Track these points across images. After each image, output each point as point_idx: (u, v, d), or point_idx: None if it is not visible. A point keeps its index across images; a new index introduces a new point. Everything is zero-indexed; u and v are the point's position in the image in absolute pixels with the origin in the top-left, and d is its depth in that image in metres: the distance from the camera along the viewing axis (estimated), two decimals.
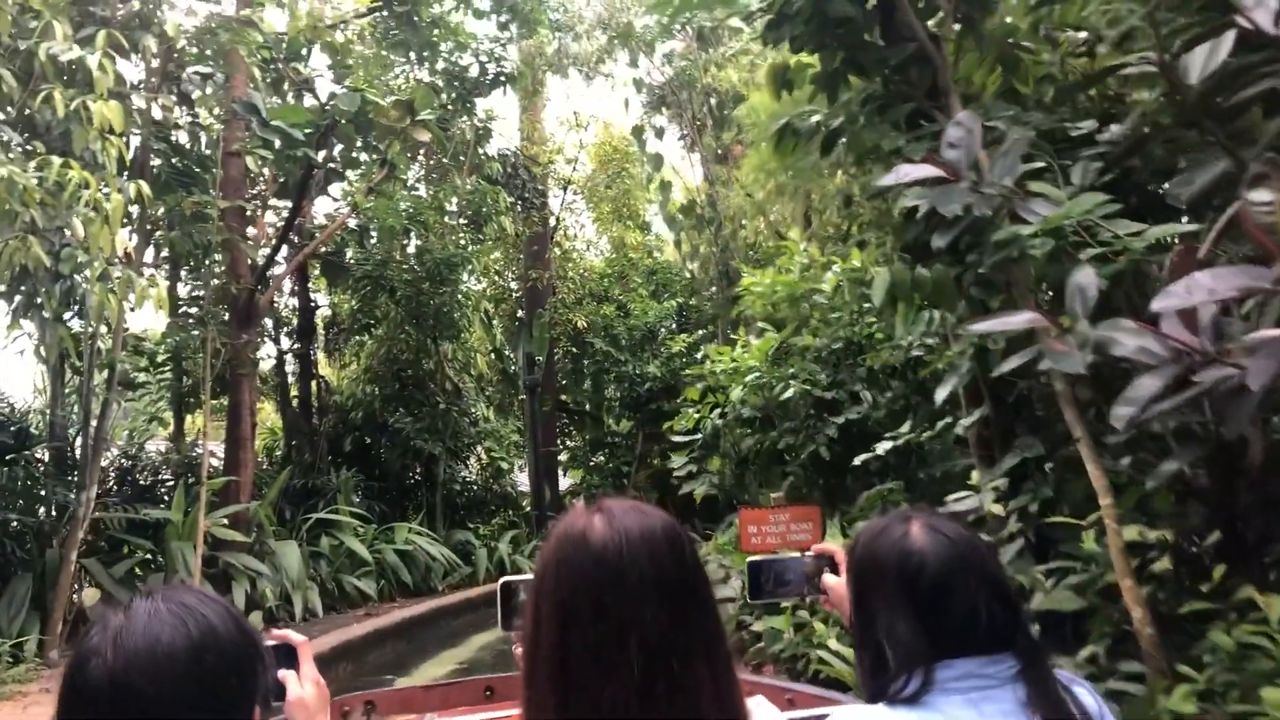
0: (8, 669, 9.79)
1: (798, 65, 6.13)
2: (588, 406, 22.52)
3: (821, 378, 8.43)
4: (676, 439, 9.98)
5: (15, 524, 12.50)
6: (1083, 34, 5.28)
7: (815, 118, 5.92)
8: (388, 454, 18.38)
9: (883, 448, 7.58)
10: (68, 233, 8.96)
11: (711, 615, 1.28)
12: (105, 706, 1.09)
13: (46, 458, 13.62)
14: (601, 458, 21.41)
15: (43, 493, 12.77)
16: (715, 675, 1.23)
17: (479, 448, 20.29)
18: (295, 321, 18.90)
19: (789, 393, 8.22)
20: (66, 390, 13.49)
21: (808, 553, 1.97)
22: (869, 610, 1.57)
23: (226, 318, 14.01)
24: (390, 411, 18.48)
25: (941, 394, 6.36)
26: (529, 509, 19.96)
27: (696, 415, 9.51)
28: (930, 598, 1.49)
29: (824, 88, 5.77)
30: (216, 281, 13.99)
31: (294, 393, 18.94)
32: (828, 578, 1.91)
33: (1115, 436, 4.06)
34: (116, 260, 9.28)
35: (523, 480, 21.27)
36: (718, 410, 9.27)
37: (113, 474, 14.53)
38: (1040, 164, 4.38)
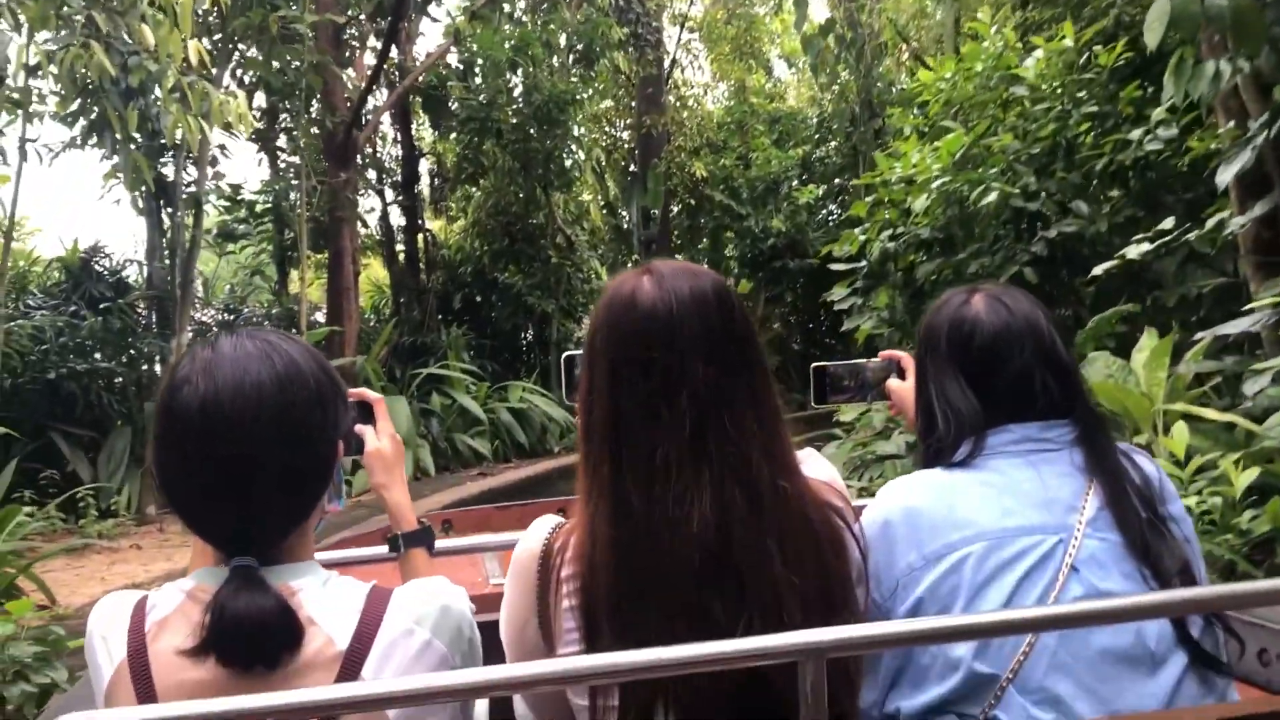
0: (94, 523, 9.02)
1: None
2: (705, 266, 20.99)
3: (1027, 182, 6.73)
4: (836, 267, 8.43)
5: (118, 378, 11.86)
6: None
7: None
8: (498, 312, 17.36)
9: (1105, 266, 5.94)
10: (133, 40, 7.75)
11: (760, 371, 1.28)
12: (196, 431, 1.12)
13: (145, 309, 12.93)
14: None
15: (144, 346, 12.04)
16: (764, 428, 1.25)
17: (593, 307, 19.07)
18: (399, 172, 17.74)
19: (990, 197, 6.55)
20: (165, 240, 12.63)
21: (874, 358, 1.97)
22: (925, 378, 1.58)
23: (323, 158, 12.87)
24: (500, 268, 17.43)
25: (1225, 176, 4.82)
26: None
27: (863, 237, 7.93)
28: (980, 363, 1.51)
29: None
30: (310, 114, 12.78)
31: (400, 248, 17.94)
32: (893, 382, 1.91)
33: None
34: (189, 70, 8.03)
35: None
36: (886, 233, 7.67)
37: (214, 328, 13.78)
38: None
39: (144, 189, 10.90)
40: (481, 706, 1.55)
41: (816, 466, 1.37)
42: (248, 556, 1.14)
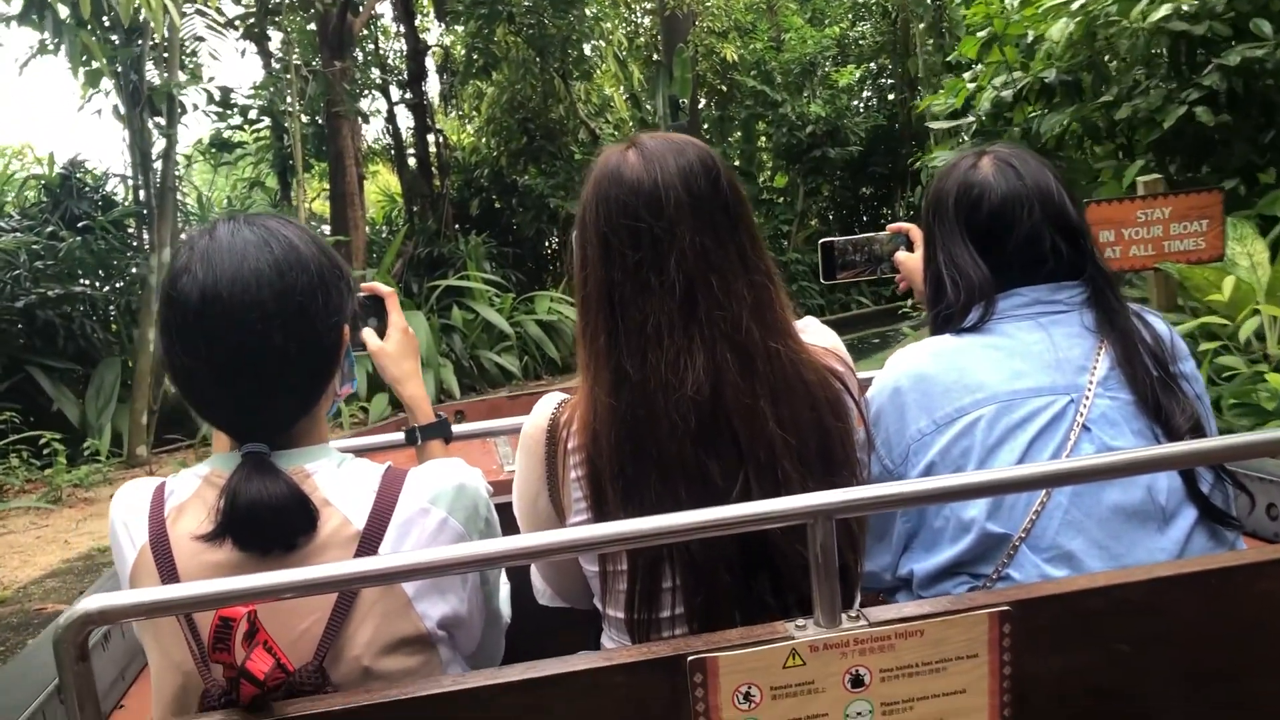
0: (63, 472, 7.72)
1: None
2: (736, 161, 19.49)
3: None
4: (936, 125, 6.91)
5: (106, 304, 10.61)
6: None
7: None
8: (519, 218, 15.93)
9: None
10: None
11: (749, 235, 1.30)
12: (197, 319, 1.12)
13: (134, 227, 11.63)
14: (758, 218, 18.46)
15: (132, 267, 10.76)
16: (755, 292, 1.26)
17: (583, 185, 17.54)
18: (404, 69, 16.15)
19: (1161, 10, 4.99)
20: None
21: (882, 232, 1.97)
22: (933, 244, 1.57)
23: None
24: (519, 169, 15.99)
25: None
26: None
27: (971, 85, 6.39)
28: (988, 228, 1.50)
29: None
30: None
31: (410, 152, 16.45)
32: (901, 254, 1.93)
33: None
34: None
35: None
36: (1002, 78, 6.10)
37: None
38: None
39: (124, 94, 9.50)
40: (504, 592, 1.45)
41: (817, 333, 1.37)
42: (259, 442, 1.15)
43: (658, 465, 1.21)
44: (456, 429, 1.69)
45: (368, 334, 1.59)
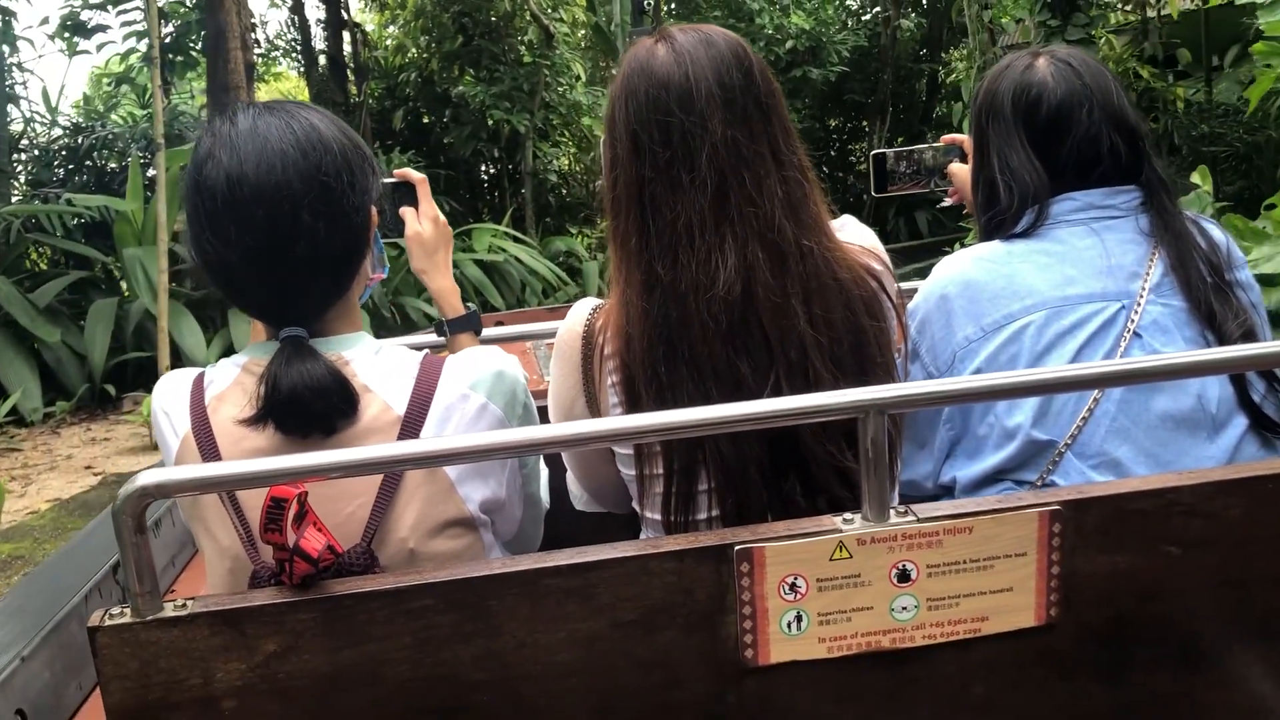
0: None
1: None
2: None
3: None
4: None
5: None
6: None
7: None
8: (454, 134, 16.00)
9: None
10: None
11: (782, 129, 1.50)
12: (224, 204, 1.34)
13: None
14: None
15: None
16: (789, 188, 1.47)
17: (576, 127, 17.66)
18: None
19: None
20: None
21: (935, 143, 2.26)
22: (986, 148, 1.82)
23: None
24: (454, 75, 16.02)
25: None
26: None
27: None
28: (1047, 129, 1.74)
29: None
30: None
31: (321, 48, 16.51)
32: (955, 166, 2.19)
33: None
34: None
35: None
36: None
37: (59, 154, 12.42)
38: None
39: None
40: (544, 478, 1.73)
41: (856, 232, 1.61)
42: (296, 328, 1.40)
43: (690, 367, 1.43)
44: (492, 332, 1.98)
45: (408, 214, 1.85)
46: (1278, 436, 1.62)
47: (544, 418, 1.61)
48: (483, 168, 17.01)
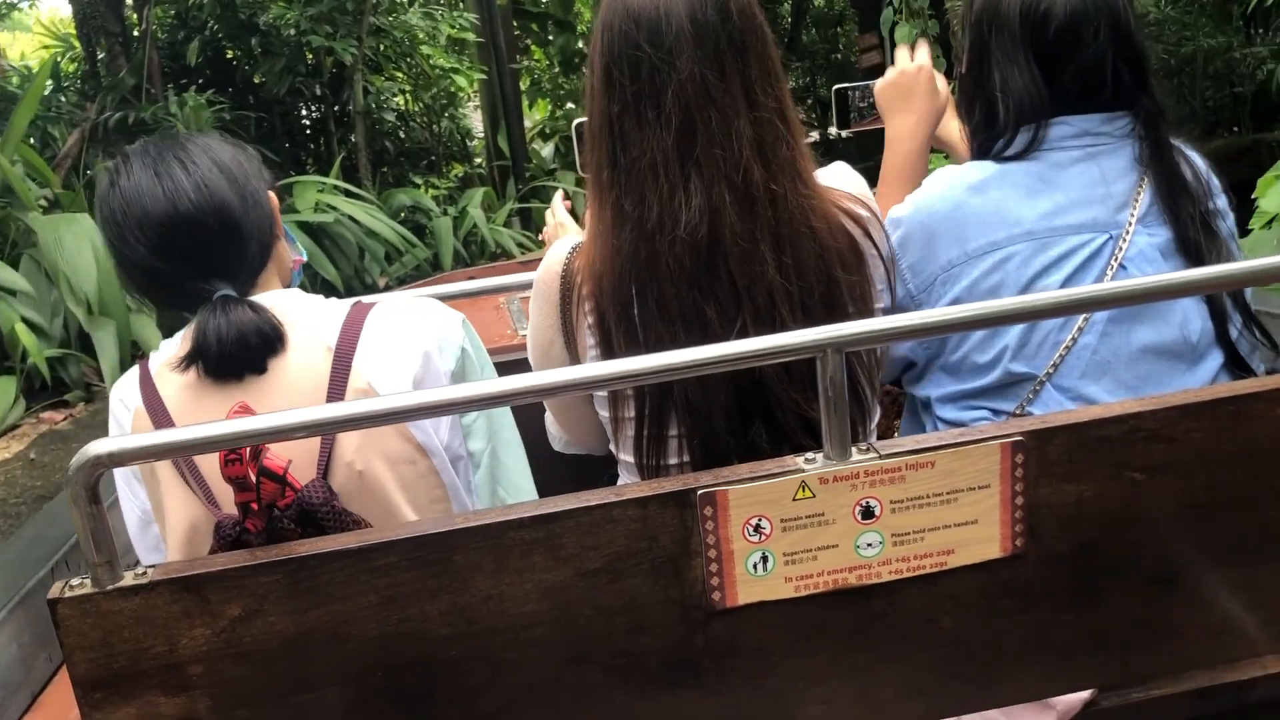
0: None
1: None
2: (550, 6, 19.86)
3: None
4: None
5: None
6: None
7: None
8: (264, 68, 15.83)
9: None
10: None
11: (761, 70, 1.72)
12: (135, 223, 1.79)
13: None
14: (578, 82, 18.79)
15: None
16: (759, 129, 1.70)
17: (414, 58, 17.70)
18: None
19: None
20: None
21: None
22: (985, 64, 2.02)
23: None
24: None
25: None
26: (496, 161, 17.54)
27: None
28: (1055, 47, 1.94)
29: None
30: None
31: None
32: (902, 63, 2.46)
33: None
34: None
35: (477, 119, 19.23)
36: None
37: None
38: None
39: None
40: (507, 435, 2.09)
41: (844, 178, 1.86)
42: (227, 288, 1.78)
43: (657, 307, 1.70)
44: (468, 285, 2.41)
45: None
46: (1246, 375, 1.91)
47: (523, 366, 1.86)
48: (302, 109, 16.92)
